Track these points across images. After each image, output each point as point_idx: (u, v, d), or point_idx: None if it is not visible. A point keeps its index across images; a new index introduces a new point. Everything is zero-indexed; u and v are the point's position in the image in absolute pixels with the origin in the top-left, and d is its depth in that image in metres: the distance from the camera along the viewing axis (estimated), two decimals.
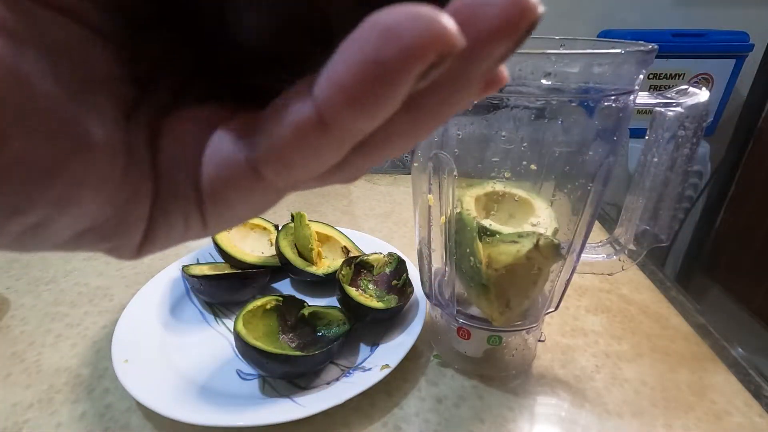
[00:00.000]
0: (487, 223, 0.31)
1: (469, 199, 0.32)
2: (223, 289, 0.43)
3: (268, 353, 0.32)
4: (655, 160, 0.31)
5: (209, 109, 0.11)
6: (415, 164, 0.34)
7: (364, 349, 0.38)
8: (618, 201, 0.36)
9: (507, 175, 0.30)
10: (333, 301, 0.43)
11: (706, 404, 0.34)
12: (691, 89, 0.29)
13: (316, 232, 0.49)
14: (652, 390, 0.36)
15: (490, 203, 0.33)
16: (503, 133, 0.28)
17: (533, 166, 0.30)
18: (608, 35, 1.64)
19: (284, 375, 0.35)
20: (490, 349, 0.36)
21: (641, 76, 0.27)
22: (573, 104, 0.27)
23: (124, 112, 0.10)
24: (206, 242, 0.50)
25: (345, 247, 0.50)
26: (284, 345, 0.37)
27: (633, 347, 0.40)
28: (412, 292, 0.41)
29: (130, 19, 0.10)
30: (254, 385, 0.35)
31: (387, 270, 0.45)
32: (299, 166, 0.09)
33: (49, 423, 0.33)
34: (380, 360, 0.36)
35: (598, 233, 0.60)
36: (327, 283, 0.44)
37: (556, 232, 0.31)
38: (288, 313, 0.39)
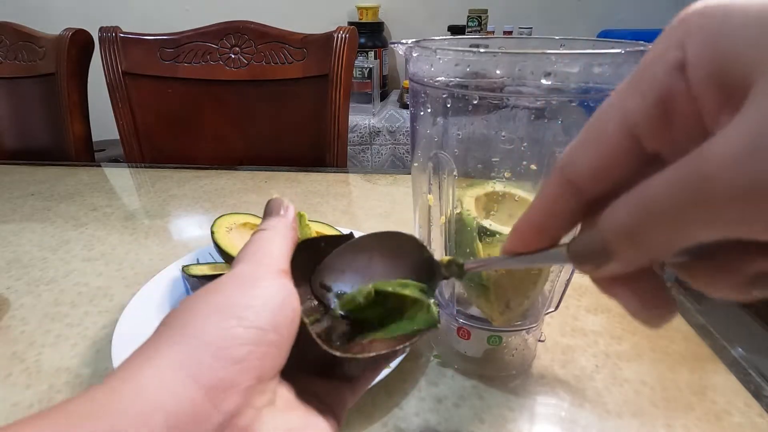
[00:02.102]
0: (487, 223, 0.31)
1: (469, 200, 0.32)
2: None
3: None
4: None
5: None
6: (415, 164, 0.34)
7: None
8: None
9: (507, 175, 0.30)
10: None
11: (706, 404, 0.34)
12: None
13: (317, 232, 0.49)
14: (652, 390, 0.36)
15: (490, 203, 0.33)
16: (503, 133, 0.28)
17: (533, 166, 0.30)
18: (608, 35, 1.64)
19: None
20: (490, 349, 0.36)
21: None
22: (573, 104, 0.27)
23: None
24: (206, 242, 0.50)
25: None
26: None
27: (633, 347, 0.40)
28: None
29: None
30: None
31: None
32: None
33: None
34: None
35: None
36: None
37: None
38: None
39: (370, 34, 1.74)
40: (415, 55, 0.29)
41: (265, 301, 0.16)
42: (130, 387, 0.13)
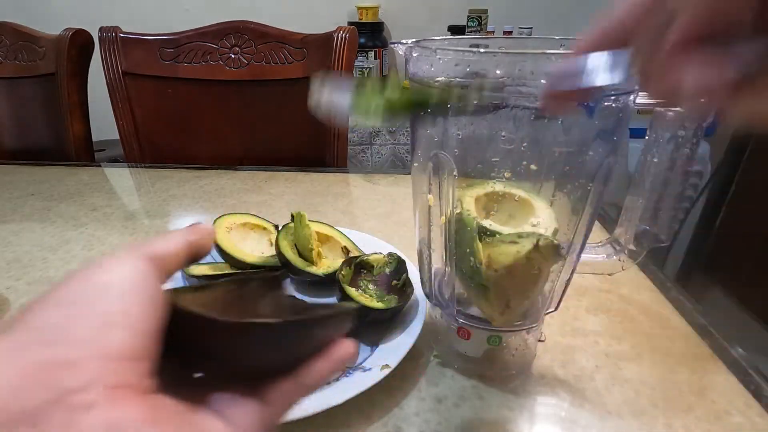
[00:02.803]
0: (487, 223, 0.31)
1: (469, 200, 0.32)
2: None
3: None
4: (655, 160, 0.31)
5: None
6: (415, 164, 0.34)
7: (364, 349, 0.38)
8: (618, 201, 0.36)
9: (507, 175, 0.30)
10: (333, 301, 0.43)
11: (706, 404, 0.34)
12: None
13: (317, 232, 0.49)
14: (652, 390, 0.36)
15: (490, 203, 0.33)
16: (503, 134, 0.28)
17: (533, 166, 0.30)
18: None
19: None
20: (490, 349, 0.36)
21: None
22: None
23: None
24: None
25: (345, 247, 0.50)
26: None
27: (633, 347, 0.40)
28: (412, 292, 0.41)
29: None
30: None
31: (387, 270, 0.45)
32: None
33: None
34: (380, 360, 0.36)
35: (598, 233, 0.60)
36: (327, 284, 0.44)
37: (556, 232, 0.31)
38: None
39: (370, 34, 1.74)
40: (415, 55, 0.29)
41: (110, 285, 0.16)
42: None
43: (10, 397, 0.12)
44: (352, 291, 0.39)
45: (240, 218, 0.51)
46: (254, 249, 0.50)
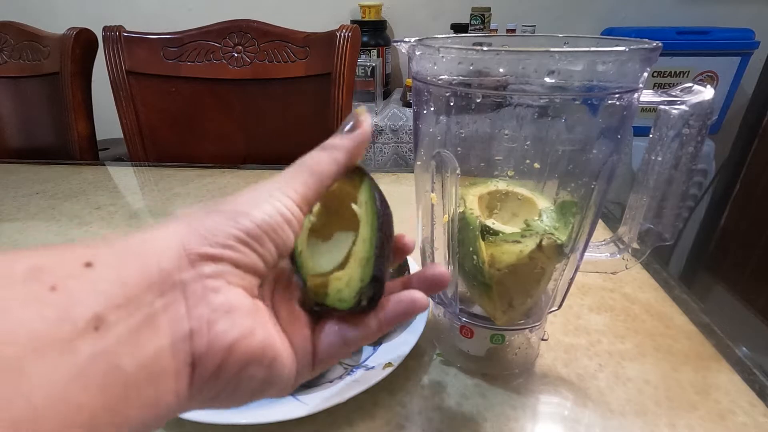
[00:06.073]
0: (490, 222, 0.31)
1: (472, 198, 0.32)
2: None
3: None
4: (659, 158, 0.31)
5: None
6: (418, 163, 0.34)
7: (367, 347, 0.38)
8: (622, 199, 0.36)
9: (510, 173, 0.30)
10: None
11: (710, 404, 0.34)
12: (696, 87, 0.29)
13: None
14: (656, 389, 0.36)
15: (493, 202, 0.33)
16: (506, 132, 0.28)
17: (537, 165, 0.30)
18: (612, 33, 1.64)
19: None
20: (493, 348, 0.36)
21: (645, 74, 0.27)
22: (577, 102, 0.27)
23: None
24: None
25: None
26: None
27: (636, 346, 0.40)
28: None
29: None
30: None
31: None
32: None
33: None
34: (383, 358, 0.36)
35: (601, 232, 0.60)
36: None
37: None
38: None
39: (373, 32, 1.73)
40: (418, 53, 0.29)
41: (260, 217, 0.20)
42: (139, 238, 0.18)
43: (174, 269, 0.17)
44: None
45: None
46: None
